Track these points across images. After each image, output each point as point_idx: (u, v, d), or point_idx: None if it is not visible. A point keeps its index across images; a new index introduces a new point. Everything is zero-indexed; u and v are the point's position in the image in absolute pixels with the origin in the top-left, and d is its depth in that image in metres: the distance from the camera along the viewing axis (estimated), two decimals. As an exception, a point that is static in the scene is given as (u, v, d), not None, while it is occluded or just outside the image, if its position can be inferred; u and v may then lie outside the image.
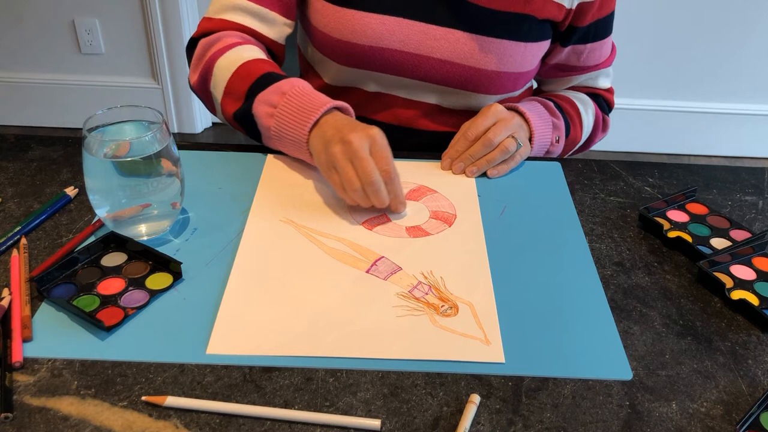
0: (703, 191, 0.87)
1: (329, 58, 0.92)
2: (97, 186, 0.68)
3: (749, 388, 0.59)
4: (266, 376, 0.57)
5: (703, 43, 2.23)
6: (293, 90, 0.79)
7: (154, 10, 2.15)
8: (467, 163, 0.85)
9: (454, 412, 0.55)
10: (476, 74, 0.89)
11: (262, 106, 0.80)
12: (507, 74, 0.90)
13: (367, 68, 0.91)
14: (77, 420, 0.53)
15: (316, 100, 0.78)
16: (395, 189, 0.74)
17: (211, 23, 0.90)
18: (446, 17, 0.87)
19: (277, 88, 0.80)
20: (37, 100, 2.34)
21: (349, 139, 0.72)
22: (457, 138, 0.87)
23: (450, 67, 0.89)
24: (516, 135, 0.85)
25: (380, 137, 0.73)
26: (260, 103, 0.80)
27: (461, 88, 0.91)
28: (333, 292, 0.66)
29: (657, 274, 0.72)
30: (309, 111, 0.77)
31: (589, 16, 0.90)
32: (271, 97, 0.80)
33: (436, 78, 0.90)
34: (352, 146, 0.71)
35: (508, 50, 0.88)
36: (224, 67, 0.84)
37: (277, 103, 0.79)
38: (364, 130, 0.73)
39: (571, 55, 0.95)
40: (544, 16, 0.88)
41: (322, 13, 0.89)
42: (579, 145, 1.02)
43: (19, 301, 0.62)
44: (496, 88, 0.91)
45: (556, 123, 0.92)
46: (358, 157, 0.71)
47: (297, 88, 0.79)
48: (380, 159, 0.72)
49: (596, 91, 1.03)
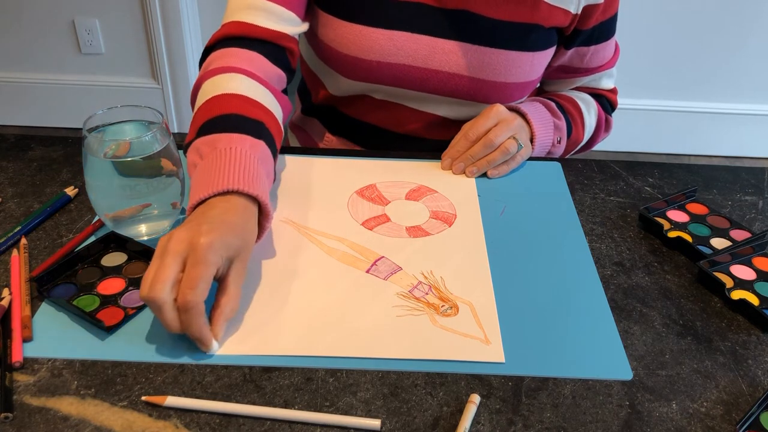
0: (703, 191, 0.87)
1: (335, 71, 0.91)
2: (97, 186, 0.68)
3: (749, 388, 0.59)
4: (266, 376, 0.57)
5: (703, 43, 2.23)
6: (223, 150, 0.66)
7: (154, 10, 2.15)
8: (467, 163, 0.85)
9: (454, 412, 0.55)
10: (485, 86, 0.89)
11: (193, 153, 0.69)
12: (515, 84, 0.90)
13: (374, 82, 0.90)
14: (77, 420, 0.53)
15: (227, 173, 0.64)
16: (188, 321, 0.56)
17: (225, 28, 0.85)
18: (453, 30, 0.86)
19: (213, 140, 0.68)
20: (37, 100, 2.34)
21: (172, 234, 0.58)
22: (458, 138, 0.86)
23: (458, 80, 0.89)
24: (517, 136, 0.85)
25: (203, 249, 0.56)
26: (193, 149, 0.70)
27: (469, 99, 0.91)
28: (333, 292, 0.66)
29: (657, 274, 0.72)
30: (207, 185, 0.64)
31: (593, 19, 0.89)
32: (202, 146, 0.69)
33: (444, 91, 0.90)
34: (168, 245, 0.57)
35: (516, 61, 0.88)
36: (205, 91, 0.77)
37: (204, 155, 0.68)
38: (197, 233, 0.58)
39: (574, 57, 0.95)
40: (551, 24, 0.88)
41: (329, 27, 0.88)
42: (581, 145, 1.02)
43: (19, 301, 0.62)
44: (504, 98, 0.91)
45: (558, 124, 0.92)
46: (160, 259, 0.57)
47: (228, 150, 0.66)
48: (185, 277, 0.56)
49: (599, 92, 1.03)
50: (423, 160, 0.88)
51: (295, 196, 0.79)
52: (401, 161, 0.87)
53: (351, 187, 0.81)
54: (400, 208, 0.79)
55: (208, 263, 0.57)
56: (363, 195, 0.80)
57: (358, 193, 0.80)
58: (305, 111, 1.06)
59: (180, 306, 0.56)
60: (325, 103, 0.99)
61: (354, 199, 0.79)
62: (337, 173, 0.84)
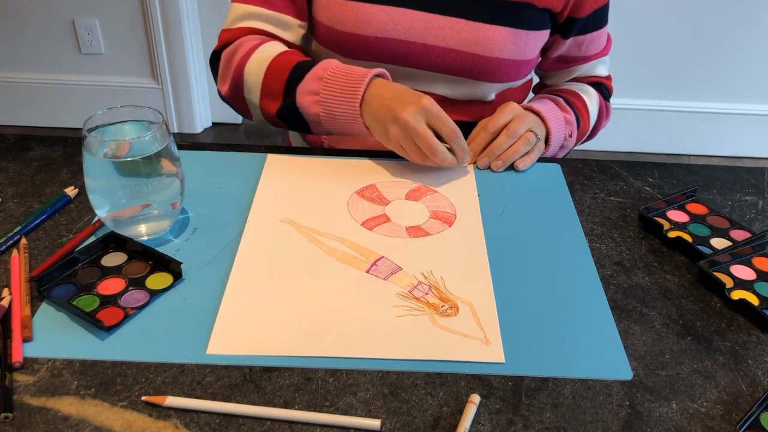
0: (703, 191, 0.87)
1: (334, 51, 0.93)
2: (97, 186, 0.68)
3: (749, 388, 0.59)
4: (266, 376, 0.57)
5: (703, 43, 2.23)
6: (328, 72, 0.82)
7: (154, 10, 2.15)
8: (492, 157, 0.87)
9: (454, 412, 0.55)
10: (480, 62, 0.91)
11: (305, 96, 0.83)
12: (510, 61, 0.92)
13: (373, 59, 0.92)
14: (77, 420, 0.53)
15: (354, 75, 0.81)
16: (461, 144, 0.81)
17: (229, 33, 0.92)
18: (449, 6, 0.89)
19: (314, 75, 0.83)
20: (37, 100, 2.34)
21: (403, 118, 0.77)
22: (476, 132, 0.89)
23: (455, 55, 0.91)
24: (534, 129, 0.88)
25: (430, 105, 0.78)
26: (302, 94, 0.83)
27: (466, 76, 0.93)
28: (333, 292, 0.66)
29: (657, 274, 0.72)
30: (352, 89, 0.80)
31: (587, 7, 0.93)
32: (310, 85, 0.82)
33: (441, 67, 0.92)
34: (409, 125, 0.77)
35: (511, 37, 0.90)
36: (254, 70, 0.86)
37: (317, 90, 0.82)
38: (414, 103, 0.78)
39: (572, 46, 0.99)
40: (543, 5, 0.91)
41: (327, 6, 0.90)
42: (586, 135, 1.05)
43: (19, 301, 0.62)
44: (501, 75, 0.94)
45: (568, 118, 0.95)
46: (418, 134, 0.77)
47: (331, 70, 0.82)
48: (440, 126, 0.79)
49: (597, 80, 1.06)
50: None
51: (295, 196, 0.79)
52: (401, 161, 0.87)
53: (351, 187, 0.81)
54: (400, 208, 0.79)
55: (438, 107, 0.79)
56: (363, 195, 0.80)
57: (358, 193, 0.80)
58: None
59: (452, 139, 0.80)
60: None
61: (354, 199, 0.79)
62: (337, 173, 0.84)
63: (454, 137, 0.80)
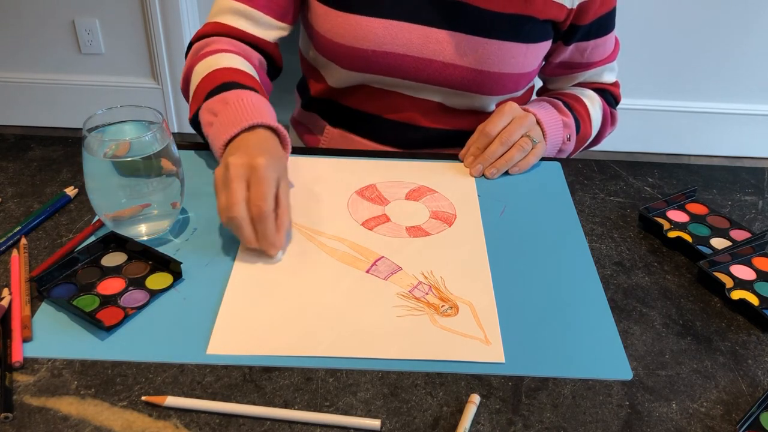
0: (703, 191, 0.87)
1: (332, 62, 0.92)
2: (97, 186, 0.68)
3: (749, 388, 0.59)
4: (266, 376, 0.57)
5: (703, 43, 2.23)
6: (235, 101, 0.75)
7: (154, 10, 2.15)
8: (485, 164, 0.85)
9: (454, 412, 0.55)
10: (479, 76, 0.90)
11: (206, 114, 0.78)
12: (509, 75, 0.91)
13: (370, 71, 0.91)
14: (77, 420, 0.53)
15: (248, 114, 0.74)
16: (264, 229, 0.66)
17: (207, 27, 0.92)
18: (447, 20, 0.87)
19: (223, 98, 0.77)
20: (37, 100, 2.33)
21: (228, 162, 0.67)
22: (475, 136, 0.88)
23: (453, 69, 0.89)
24: (530, 133, 0.86)
25: (263, 168, 0.67)
26: (205, 110, 0.78)
27: (464, 89, 0.92)
28: (333, 292, 0.66)
29: (657, 274, 0.72)
30: (233, 125, 0.73)
31: (590, 14, 0.90)
32: (214, 105, 0.77)
33: (438, 80, 0.91)
34: (228, 172, 0.67)
35: (510, 52, 0.89)
36: (199, 72, 0.84)
37: (217, 111, 0.76)
38: (251, 156, 0.67)
39: (575, 52, 0.96)
40: (545, 17, 0.89)
41: (325, 18, 0.89)
42: (589, 141, 1.03)
43: (19, 301, 0.62)
44: (499, 89, 0.92)
45: (566, 121, 0.93)
46: (227, 186, 0.66)
47: (240, 101, 0.75)
48: (254, 192, 0.66)
49: (602, 86, 1.04)
50: (423, 160, 0.88)
51: (295, 196, 0.79)
52: (401, 161, 0.87)
53: (351, 187, 0.81)
54: (400, 208, 0.79)
55: (270, 179, 0.67)
56: (363, 195, 0.80)
57: (358, 193, 0.80)
58: (305, 106, 1.07)
59: (256, 217, 0.66)
60: (324, 96, 1.00)
61: (354, 199, 0.79)
62: (337, 173, 0.84)
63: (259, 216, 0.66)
